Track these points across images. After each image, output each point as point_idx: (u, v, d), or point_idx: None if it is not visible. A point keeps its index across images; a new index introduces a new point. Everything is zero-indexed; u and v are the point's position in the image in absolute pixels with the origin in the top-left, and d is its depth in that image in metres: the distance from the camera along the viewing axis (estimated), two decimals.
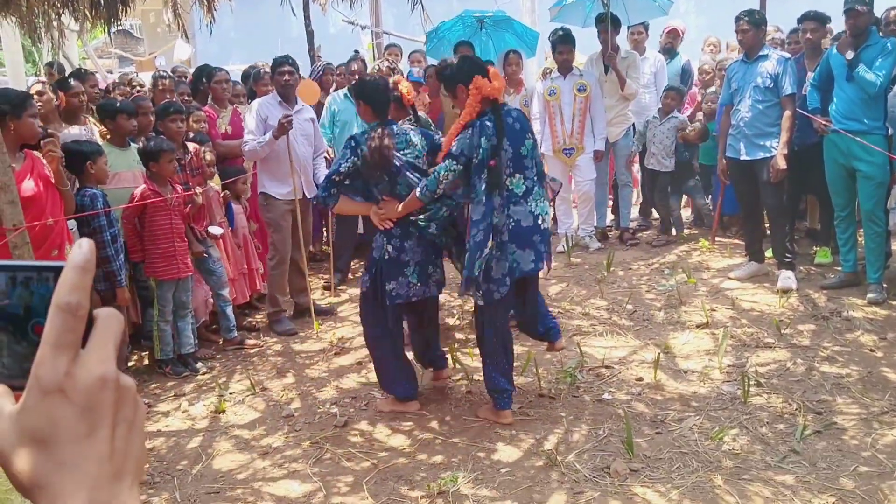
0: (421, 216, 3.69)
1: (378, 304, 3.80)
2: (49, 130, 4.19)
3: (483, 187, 3.51)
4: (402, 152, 3.73)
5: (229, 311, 4.96)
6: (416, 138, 3.83)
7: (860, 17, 5.05)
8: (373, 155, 3.61)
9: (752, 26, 5.48)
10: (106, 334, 0.54)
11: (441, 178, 3.56)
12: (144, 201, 4.37)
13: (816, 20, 5.74)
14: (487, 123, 3.53)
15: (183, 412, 4.10)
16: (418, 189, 3.61)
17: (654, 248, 6.81)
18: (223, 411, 4.04)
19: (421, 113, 4.59)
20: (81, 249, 0.54)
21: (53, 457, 0.51)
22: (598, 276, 6.03)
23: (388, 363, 3.92)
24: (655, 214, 7.50)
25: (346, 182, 3.72)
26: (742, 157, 5.61)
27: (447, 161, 3.57)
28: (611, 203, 7.61)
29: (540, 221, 3.67)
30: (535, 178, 3.71)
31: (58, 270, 0.55)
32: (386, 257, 3.73)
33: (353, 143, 3.68)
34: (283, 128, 4.94)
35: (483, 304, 3.64)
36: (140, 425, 0.55)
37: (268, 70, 5.93)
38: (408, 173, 3.71)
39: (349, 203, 3.81)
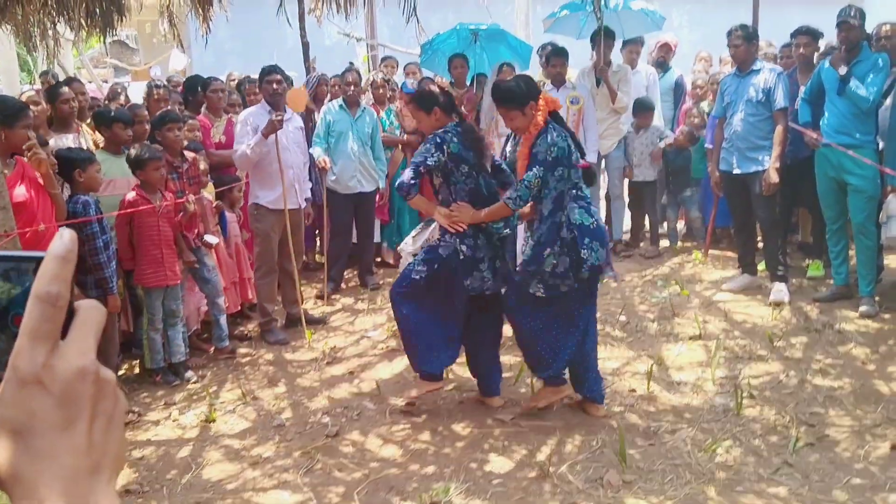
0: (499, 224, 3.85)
1: (426, 293, 3.82)
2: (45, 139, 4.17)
3: (556, 185, 3.63)
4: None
5: (223, 320, 4.93)
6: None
7: (852, 30, 5.09)
8: (480, 147, 3.81)
9: (744, 40, 5.52)
10: (87, 326, 0.53)
11: (533, 186, 3.64)
12: (133, 209, 4.35)
13: (809, 35, 5.78)
14: (554, 129, 3.68)
15: (173, 421, 4.05)
16: (510, 199, 3.68)
17: (646, 260, 6.81)
18: (213, 420, 4.01)
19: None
20: (62, 239, 0.53)
21: (30, 448, 0.50)
22: None
23: (428, 336, 3.88)
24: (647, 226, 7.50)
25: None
26: (735, 171, 5.63)
27: (535, 168, 3.62)
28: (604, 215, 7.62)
29: (593, 224, 3.70)
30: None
31: (38, 261, 0.53)
32: (461, 257, 3.79)
33: (438, 140, 3.75)
34: (273, 125, 4.95)
35: (544, 296, 3.68)
36: (120, 420, 0.54)
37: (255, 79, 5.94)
38: (485, 174, 3.90)
39: (420, 199, 3.87)
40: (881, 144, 5.26)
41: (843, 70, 5.07)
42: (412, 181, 3.73)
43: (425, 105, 3.88)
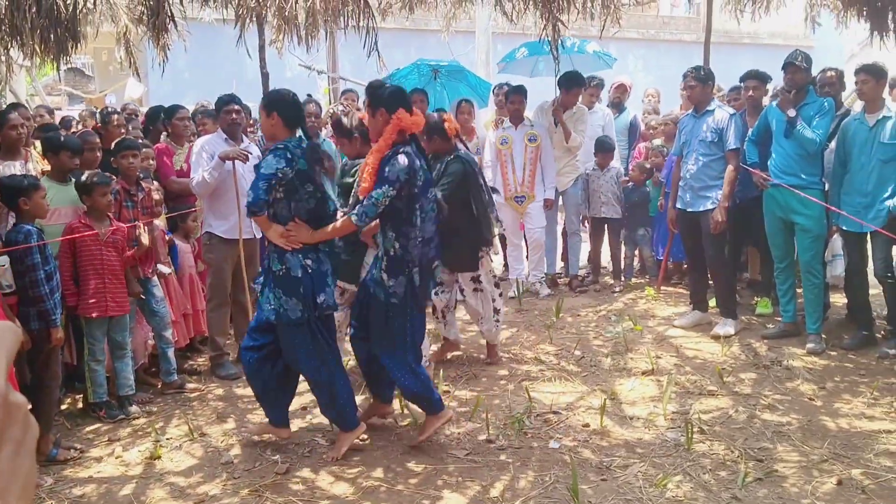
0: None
1: (313, 329, 3.72)
2: None
3: (405, 205, 3.64)
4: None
5: (171, 353, 4.81)
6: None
7: (798, 72, 5.27)
8: (326, 168, 3.73)
9: (699, 82, 5.67)
10: None
11: (380, 204, 3.59)
12: (72, 235, 4.25)
13: (758, 79, 5.97)
14: (409, 149, 3.65)
15: (116, 458, 3.92)
16: (355, 215, 3.62)
17: (600, 295, 6.89)
18: (159, 457, 3.88)
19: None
20: None
21: None
22: (547, 321, 6.05)
23: (345, 390, 3.83)
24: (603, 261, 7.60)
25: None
26: (688, 209, 5.75)
27: (385, 187, 3.57)
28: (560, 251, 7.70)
29: (434, 244, 3.85)
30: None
31: None
32: (309, 272, 3.68)
33: (288, 155, 3.60)
34: (237, 152, 4.95)
35: (395, 303, 3.73)
36: (30, 447, 0.51)
37: (208, 108, 5.91)
38: (330, 193, 3.83)
39: (261, 218, 3.68)
40: (826, 186, 5.43)
41: (791, 113, 5.24)
42: (266, 197, 3.56)
43: (268, 106, 3.76)
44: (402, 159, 3.59)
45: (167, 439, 4.12)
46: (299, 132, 3.75)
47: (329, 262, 3.80)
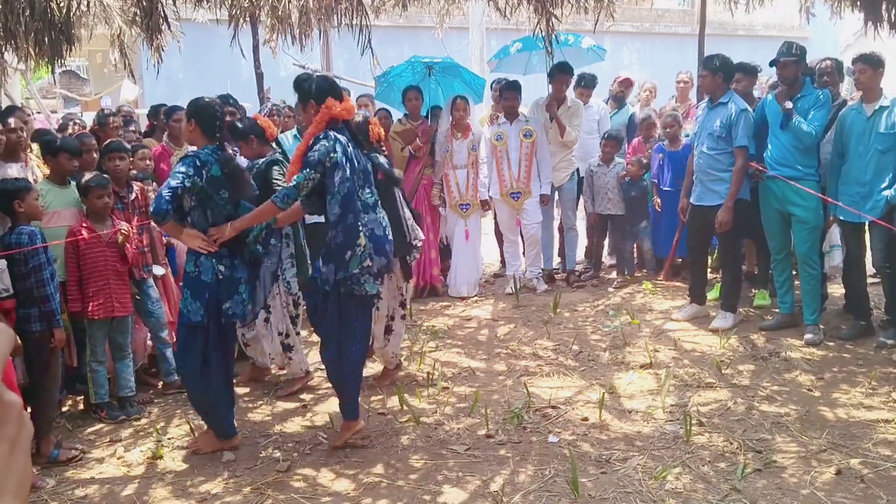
0: (249, 237, 3.81)
1: (208, 334, 3.76)
2: None
3: (336, 191, 3.65)
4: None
5: (169, 353, 4.83)
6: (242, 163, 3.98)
7: (787, 67, 5.28)
8: (236, 176, 3.76)
9: (709, 72, 5.60)
10: None
11: (302, 186, 3.62)
12: (76, 238, 4.27)
13: (743, 71, 5.95)
14: (339, 136, 3.70)
15: (118, 458, 3.94)
16: (278, 197, 3.65)
17: (598, 290, 6.91)
18: (161, 457, 3.91)
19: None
20: None
21: None
22: (545, 317, 6.08)
23: (220, 396, 3.88)
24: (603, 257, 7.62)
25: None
26: (696, 202, 5.74)
27: (306, 170, 3.62)
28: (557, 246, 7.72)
29: (388, 232, 3.86)
30: (377, 195, 3.91)
31: None
32: (220, 277, 3.73)
33: (197, 162, 3.64)
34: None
35: (357, 296, 3.74)
36: (25, 446, 0.52)
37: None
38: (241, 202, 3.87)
39: (170, 225, 3.71)
40: (823, 178, 5.44)
41: (788, 105, 5.24)
42: (168, 206, 3.56)
43: (189, 113, 3.85)
44: (326, 143, 3.64)
45: (168, 439, 4.15)
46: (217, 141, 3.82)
47: (247, 270, 3.80)
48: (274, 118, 6.89)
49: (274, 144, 4.95)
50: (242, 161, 4.63)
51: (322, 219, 3.96)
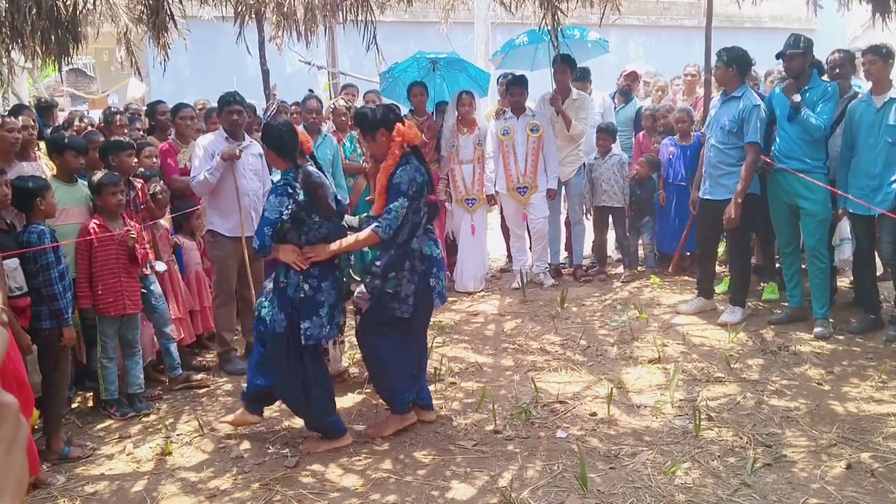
0: (340, 262, 3.90)
1: (290, 347, 3.78)
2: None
3: (412, 217, 3.77)
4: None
5: (173, 348, 4.84)
6: (328, 181, 3.98)
7: (794, 59, 5.24)
8: (320, 198, 3.77)
9: (724, 64, 5.53)
10: None
11: (399, 215, 3.70)
12: (89, 236, 4.29)
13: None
14: (416, 163, 3.81)
15: (127, 455, 3.95)
16: (380, 227, 3.70)
17: (605, 285, 6.89)
18: (170, 453, 3.91)
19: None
20: None
21: None
22: (552, 312, 6.06)
23: (326, 402, 3.90)
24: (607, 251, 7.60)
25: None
26: (706, 196, 5.70)
27: (400, 199, 3.70)
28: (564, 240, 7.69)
29: (439, 256, 3.97)
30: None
31: None
32: (301, 296, 3.74)
33: (289, 189, 3.71)
34: (233, 152, 5.00)
35: (400, 317, 3.85)
36: (22, 445, 0.52)
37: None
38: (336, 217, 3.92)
39: (280, 248, 3.77)
40: (831, 172, 5.39)
41: (796, 98, 5.19)
42: (271, 241, 3.68)
43: (266, 141, 3.92)
44: (410, 170, 3.75)
45: (177, 435, 4.16)
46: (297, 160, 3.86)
47: (332, 294, 3.80)
48: (280, 115, 6.91)
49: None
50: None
51: None
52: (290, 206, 3.68)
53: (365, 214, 4.14)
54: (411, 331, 3.96)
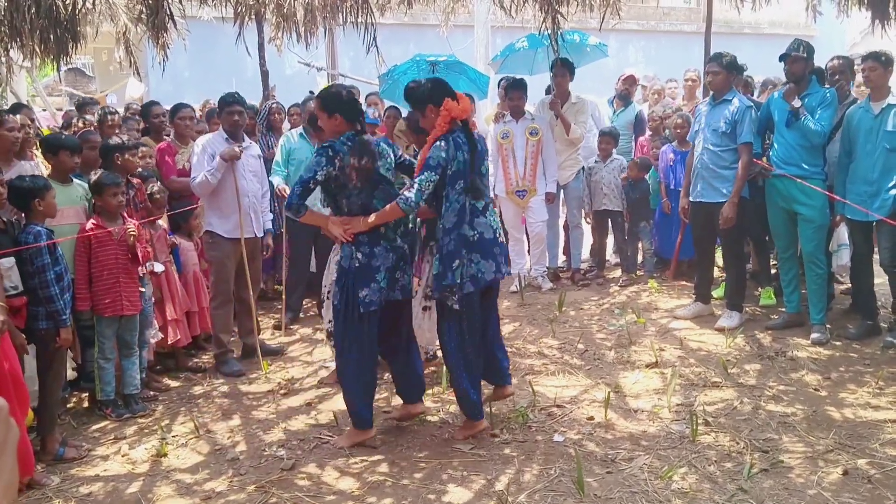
0: (384, 229, 3.79)
1: (352, 318, 3.76)
2: None
3: (457, 197, 3.70)
4: (378, 164, 3.81)
5: (144, 353, 4.76)
6: (388, 150, 3.93)
7: (795, 62, 5.25)
8: (361, 163, 3.69)
9: (723, 69, 5.55)
10: None
11: (423, 189, 3.65)
12: (85, 233, 4.28)
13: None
14: (459, 139, 3.72)
15: (123, 456, 3.94)
16: (400, 200, 3.66)
17: (603, 289, 6.89)
18: (165, 455, 3.90)
19: None
20: None
21: None
22: (550, 315, 6.06)
23: (359, 386, 3.86)
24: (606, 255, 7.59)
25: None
26: (699, 199, 5.71)
27: (426, 172, 3.65)
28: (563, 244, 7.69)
29: (498, 235, 3.88)
30: (489, 196, 3.96)
31: None
32: (357, 265, 3.74)
33: (329, 152, 3.66)
34: (234, 153, 5.00)
35: (458, 308, 3.75)
36: (11, 447, 0.51)
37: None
38: (385, 185, 3.83)
39: (311, 213, 3.80)
40: (828, 179, 5.40)
41: (797, 103, 5.20)
42: (301, 199, 3.65)
43: (328, 107, 3.80)
44: (445, 145, 3.68)
45: (173, 437, 4.14)
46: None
47: (388, 258, 3.79)
48: (275, 116, 6.92)
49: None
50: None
51: None
52: (326, 168, 3.64)
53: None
54: (471, 321, 3.83)
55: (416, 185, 3.65)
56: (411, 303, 4.11)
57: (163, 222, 5.20)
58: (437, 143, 3.68)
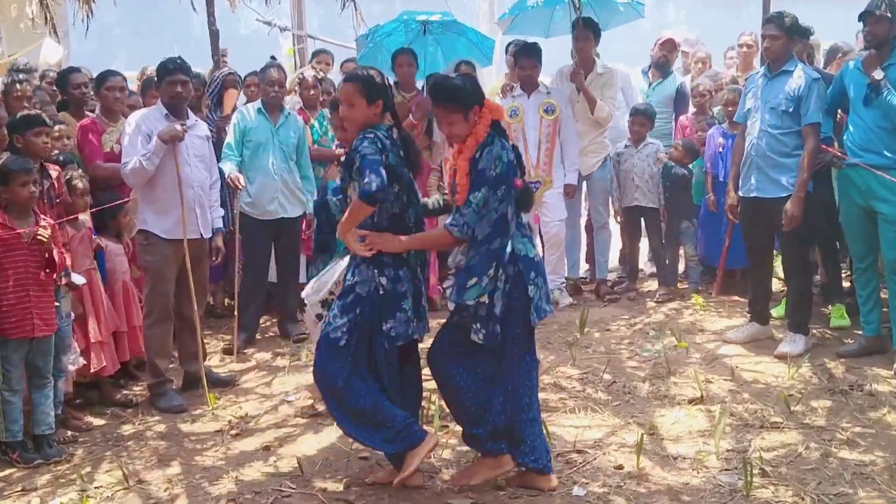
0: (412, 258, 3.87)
1: (352, 357, 3.76)
2: None
3: (495, 208, 3.71)
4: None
5: (61, 383, 4.75)
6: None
7: (878, 23, 5.21)
8: (419, 163, 3.87)
9: (783, 32, 5.55)
10: None
11: (481, 210, 3.69)
12: None
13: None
14: (498, 141, 3.78)
15: None
16: (454, 226, 3.70)
17: (635, 305, 6.92)
18: None
19: None
20: None
21: None
22: (569, 338, 6.08)
23: (377, 412, 3.80)
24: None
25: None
26: (752, 194, 5.72)
27: (484, 189, 3.67)
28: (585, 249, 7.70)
29: (537, 258, 3.93)
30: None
31: None
32: (381, 292, 3.76)
33: (379, 144, 3.68)
34: (175, 132, 5.00)
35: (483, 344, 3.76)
36: None
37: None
38: (415, 196, 3.94)
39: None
40: None
41: (878, 75, 5.18)
42: (383, 185, 3.57)
43: (372, 92, 3.80)
44: (495, 150, 3.72)
45: (96, 488, 4.13)
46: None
47: (411, 281, 3.84)
48: (230, 89, 6.92)
49: None
50: None
51: None
52: (380, 157, 3.68)
53: (439, 196, 4.21)
54: (500, 361, 3.84)
55: (472, 206, 3.67)
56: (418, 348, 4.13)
57: (85, 219, 5.18)
58: (488, 148, 3.70)
